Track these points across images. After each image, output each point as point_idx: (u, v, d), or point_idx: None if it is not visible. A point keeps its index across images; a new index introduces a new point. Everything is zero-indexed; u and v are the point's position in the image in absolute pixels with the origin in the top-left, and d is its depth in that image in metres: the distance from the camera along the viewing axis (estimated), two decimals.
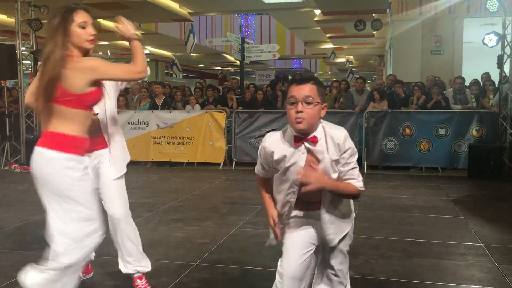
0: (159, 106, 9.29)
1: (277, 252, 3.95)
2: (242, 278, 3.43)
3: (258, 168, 2.35)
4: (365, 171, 8.28)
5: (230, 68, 28.79)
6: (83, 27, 2.43)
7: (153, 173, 8.27)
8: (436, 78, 9.62)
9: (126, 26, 2.49)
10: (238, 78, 13.45)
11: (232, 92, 10.03)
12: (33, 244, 4.20)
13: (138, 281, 3.14)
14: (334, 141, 2.11)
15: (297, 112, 2.06)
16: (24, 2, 9.19)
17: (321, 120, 2.18)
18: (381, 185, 7.17)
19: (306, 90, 2.08)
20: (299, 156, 2.14)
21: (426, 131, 8.27)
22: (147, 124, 9.13)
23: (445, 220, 5.07)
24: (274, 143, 2.19)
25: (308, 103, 2.07)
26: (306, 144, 2.13)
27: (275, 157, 2.17)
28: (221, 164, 8.97)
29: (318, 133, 2.13)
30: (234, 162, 8.97)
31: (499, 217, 5.16)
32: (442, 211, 5.44)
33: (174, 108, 9.47)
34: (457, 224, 4.90)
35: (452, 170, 8.29)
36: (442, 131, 8.21)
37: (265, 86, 11.48)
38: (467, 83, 9.01)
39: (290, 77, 2.19)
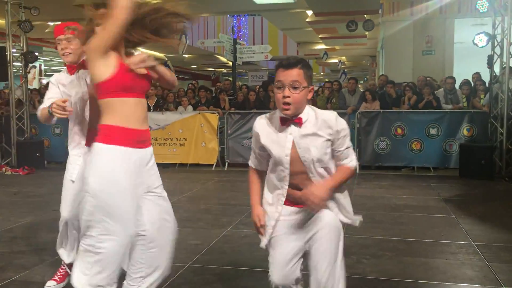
0: (151, 108, 9.26)
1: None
2: (235, 279, 3.43)
3: (251, 160, 2.39)
4: (358, 171, 8.30)
5: (223, 69, 28.76)
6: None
7: None
8: (428, 78, 9.67)
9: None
10: (231, 79, 13.44)
11: (225, 93, 10.03)
12: (23, 246, 4.18)
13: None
14: (326, 122, 2.15)
15: (284, 97, 2.09)
16: (15, 4, 9.13)
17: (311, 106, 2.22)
18: (373, 185, 7.19)
19: (293, 74, 2.09)
20: (285, 137, 2.17)
21: (417, 131, 8.31)
22: None
23: (436, 219, 5.09)
24: (261, 126, 2.24)
25: (295, 88, 2.09)
26: (293, 125, 2.16)
27: (262, 140, 2.22)
28: (214, 165, 8.97)
29: (305, 115, 2.17)
30: (226, 163, 8.97)
31: (490, 216, 5.19)
32: (433, 211, 5.47)
33: (166, 109, 9.45)
34: (448, 223, 4.93)
35: (444, 170, 8.34)
36: (433, 131, 8.26)
37: (257, 87, 11.48)
38: (458, 83, 9.07)
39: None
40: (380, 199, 6.17)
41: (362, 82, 27.13)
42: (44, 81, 18.01)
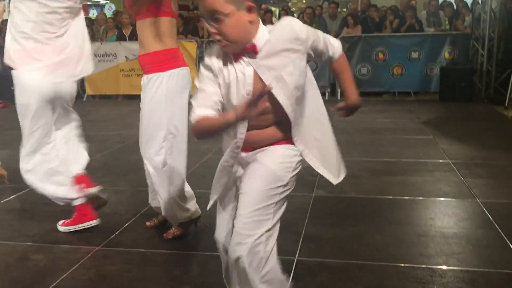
0: (127, 37, 8.96)
1: None
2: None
3: (197, 108, 1.62)
4: (339, 98, 8.28)
5: None
6: None
7: (124, 106, 8.12)
8: (412, 2, 9.44)
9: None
10: None
11: (204, 21, 9.69)
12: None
13: None
14: (287, 34, 1.61)
15: (213, 34, 1.59)
16: None
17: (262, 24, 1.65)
18: None
19: (209, 3, 1.54)
20: (243, 70, 1.62)
21: (399, 56, 8.23)
22: (115, 56, 8.84)
23: (415, 141, 5.15)
24: (213, 55, 1.67)
25: (217, 20, 1.55)
26: (246, 57, 1.62)
27: (215, 70, 1.66)
28: (192, 95, 8.85)
29: (259, 39, 1.61)
30: None
31: (467, 135, 5.27)
32: (412, 132, 5.53)
33: None
34: (426, 143, 4.99)
35: (424, 94, 8.38)
36: (415, 55, 8.18)
37: None
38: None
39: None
40: (360, 123, 6.19)
41: (345, 9, 26.51)
42: None
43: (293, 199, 2.27)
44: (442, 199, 3.35)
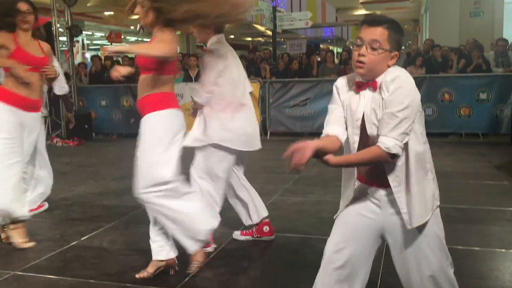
0: (193, 78, 9.30)
1: (319, 220, 3.89)
2: (286, 245, 3.45)
3: (326, 127, 2.01)
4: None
5: (260, 39, 28.48)
6: None
7: None
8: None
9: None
10: (270, 48, 13.26)
11: (265, 62, 9.94)
12: (80, 214, 4.33)
13: None
14: (386, 83, 1.88)
15: (359, 55, 1.88)
16: None
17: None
18: None
19: (375, 33, 1.87)
20: (359, 100, 1.93)
21: (466, 96, 8.00)
22: (182, 97, 9.14)
23: (489, 186, 4.95)
24: (342, 82, 2.03)
25: (374, 49, 1.86)
26: (367, 89, 1.91)
27: (341, 97, 2.01)
28: None
29: (380, 78, 1.90)
30: (268, 132, 8.97)
31: None
32: (485, 177, 5.32)
33: None
34: (501, 189, 4.78)
35: (494, 136, 8.06)
36: (483, 96, 7.93)
37: (299, 54, 11.31)
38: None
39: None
40: None
41: (403, 48, 26.30)
42: (88, 55, 18.33)
43: None
44: None
